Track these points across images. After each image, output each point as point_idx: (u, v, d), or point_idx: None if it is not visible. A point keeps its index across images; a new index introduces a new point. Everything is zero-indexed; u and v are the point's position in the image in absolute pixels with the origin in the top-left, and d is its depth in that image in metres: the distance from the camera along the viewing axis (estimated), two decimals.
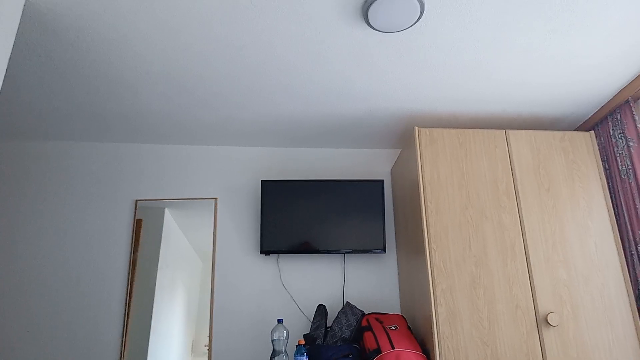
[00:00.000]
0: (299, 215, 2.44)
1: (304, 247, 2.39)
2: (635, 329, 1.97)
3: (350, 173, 2.72)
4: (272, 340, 2.00)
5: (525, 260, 2.02)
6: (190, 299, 2.40)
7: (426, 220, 2.05)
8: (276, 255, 2.49)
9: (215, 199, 2.57)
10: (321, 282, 2.47)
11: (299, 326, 2.38)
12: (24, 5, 1.52)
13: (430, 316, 1.92)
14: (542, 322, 1.93)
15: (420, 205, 2.08)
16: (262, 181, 2.48)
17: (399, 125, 2.47)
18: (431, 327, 1.91)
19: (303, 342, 2.00)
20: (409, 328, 2.08)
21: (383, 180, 2.52)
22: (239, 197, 2.60)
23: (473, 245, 2.03)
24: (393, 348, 1.87)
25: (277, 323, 2.10)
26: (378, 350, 1.89)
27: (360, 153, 2.78)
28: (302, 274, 2.48)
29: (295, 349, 2.00)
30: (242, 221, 2.55)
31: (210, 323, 2.34)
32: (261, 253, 2.38)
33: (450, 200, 2.09)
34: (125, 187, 2.55)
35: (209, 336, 2.32)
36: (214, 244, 2.48)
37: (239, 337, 2.34)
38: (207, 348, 2.31)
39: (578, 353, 1.90)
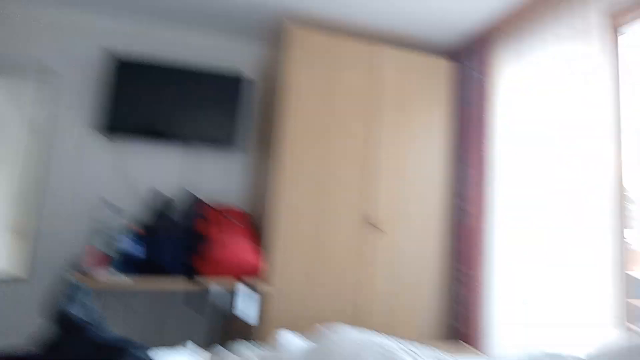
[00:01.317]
0: (150, 98, 2.23)
1: (150, 130, 2.23)
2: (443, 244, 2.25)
3: (207, 58, 2.52)
4: (100, 221, 1.88)
5: (370, 171, 2.13)
6: (10, 173, 2.12)
7: (284, 123, 2.03)
8: (120, 137, 2.26)
9: (51, 68, 2.23)
10: (165, 171, 2.36)
11: (136, 213, 2.27)
12: None
13: (270, 211, 1.97)
14: (374, 227, 2.10)
15: (280, 108, 2.05)
16: (112, 57, 2.19)
17: (268, 17, 2.29)
18: (269, 222, 1.97)
19: (142, 231, 1.91)
20: (247, 222, 2.11)
21: (242, 76, 2.38)
22: (80, 70, 2.29)
23: (326, 153, 2.07)
24: (228, 238, 1.90)
25: (107, 203, 1.96)
26: (211, 238, 1.90)
27: (221, 38, 2.57)
28: (145, 161, 2.34)
29: (128, 234, 1.89)
30: (81, 97, 2.27)
31: (36, 201, 2.12)
32: (103, 132, 2.16)
33: (312, 107, 2.08)
34: None
35: (33, 215, 2.10)
36: (46, 118, 2.19)
37: (67, 218, 2.17)
38: (28, 227, 2.09)
39: (402, 257, 2.13)
